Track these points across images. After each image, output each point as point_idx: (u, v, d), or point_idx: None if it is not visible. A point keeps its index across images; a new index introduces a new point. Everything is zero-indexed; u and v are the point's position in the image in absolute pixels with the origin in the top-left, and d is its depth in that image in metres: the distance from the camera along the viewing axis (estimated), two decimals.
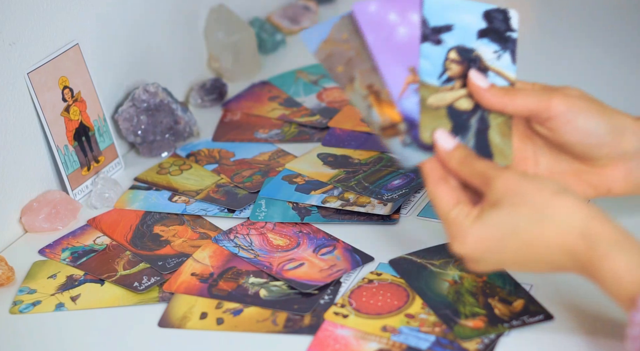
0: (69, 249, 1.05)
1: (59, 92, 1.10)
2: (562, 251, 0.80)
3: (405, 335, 0.87)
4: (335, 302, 0.92)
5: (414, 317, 0.89)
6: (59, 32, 1.10)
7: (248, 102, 1.29)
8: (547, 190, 0.81)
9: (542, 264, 0.81)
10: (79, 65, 1.12)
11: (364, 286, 0.94)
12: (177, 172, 1.16)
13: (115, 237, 1.06)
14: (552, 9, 1.46)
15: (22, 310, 0.97)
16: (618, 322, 0.85)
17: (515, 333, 0.86)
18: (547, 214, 0.80)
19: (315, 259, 0.98)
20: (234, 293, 0.95)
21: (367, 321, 0.89)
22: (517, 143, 0.91)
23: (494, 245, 0.81)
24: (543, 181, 0.82)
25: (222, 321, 0.92)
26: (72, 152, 1.11)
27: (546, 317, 0.87)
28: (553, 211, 0.80)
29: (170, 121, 1.19)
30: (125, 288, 0.98)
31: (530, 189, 0.81)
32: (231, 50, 1.33)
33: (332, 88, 1.29)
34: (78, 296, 0.98)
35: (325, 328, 0.89)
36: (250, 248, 1.01)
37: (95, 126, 1.15)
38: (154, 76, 1.24)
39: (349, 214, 1.04)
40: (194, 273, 0.98)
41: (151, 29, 1.25)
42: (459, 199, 0.84)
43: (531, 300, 0.89)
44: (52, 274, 1.01)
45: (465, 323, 0.87)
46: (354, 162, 1.13)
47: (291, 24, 1.45)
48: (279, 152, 1.17)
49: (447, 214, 0.83)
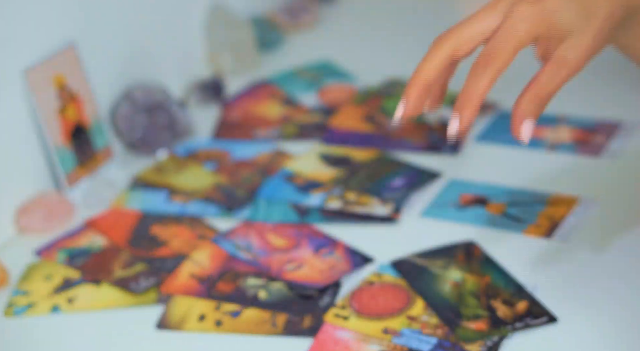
0: (65, 250, 1.04)
1: (55, 91, 1.10)
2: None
3: (407, 337, 0.86)
4: (335, 304, 0.91)
5: (416, 319, 0.88)
6: (55, 31, 1.10)
7: (247, 102, 1.29)
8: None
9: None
10: (75, 64, 1.12)
11: (365, 288, 0.93)
12: (175, 172, 1.15)
13: (112, 238, 1.05)
14: None
15: (17, 312, 0.96)
16: (623, 324, 0.85)
17: (518, 335, 0.86)
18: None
19: (315, 260, 0.98)
20: (232, 294, 0.95)
21: (368, 323, 0.89)
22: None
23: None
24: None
25: (220, 323, 0.92)
26: (69, 152, 1.11)
27: (550, 319, 0.86)
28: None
29: (169, 120, 1.19)
30: (123, 289, 0.97)
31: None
32: (230, 49, 1.34)
33: (332, 87, 1.29)
34: (74, 298, 0.97)
35: (325, 330, 0.89)
36: (250, 248, 1.00)
37: (91, 125, 1.14)
38: (152, 75, 1.24)
39: (349, 214, 1.04)
40: (193, 274, 0.98)
41: (149, 27, 1.25)
42: None
43: (534, 301, 0.88)
44: (47, 275, 1.01)
45: (467, 325, 0.86)
46: (354, 162, 1.12)
47: (291, 22, 1.46)
48: (278, 152, 1.17)
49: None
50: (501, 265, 0.93)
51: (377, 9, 1.49)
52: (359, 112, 1.22)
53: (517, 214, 0.99)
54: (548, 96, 0.80)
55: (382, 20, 1.46)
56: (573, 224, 0.97)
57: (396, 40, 1.40)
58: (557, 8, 0.79)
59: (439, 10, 1.46)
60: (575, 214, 0.98)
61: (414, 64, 1.37)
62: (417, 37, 1.39)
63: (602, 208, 0.99)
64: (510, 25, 0.79)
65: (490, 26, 0.80)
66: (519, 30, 0.79)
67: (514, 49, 0.79)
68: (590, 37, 0.79)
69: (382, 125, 1.18)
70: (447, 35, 0.81)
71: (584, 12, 0.80)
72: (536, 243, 0.95)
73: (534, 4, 0.79)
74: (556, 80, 0.80)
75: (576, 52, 0.79)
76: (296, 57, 1.38)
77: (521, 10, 0.79)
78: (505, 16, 0.80)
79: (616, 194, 1.00)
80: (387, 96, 1.24)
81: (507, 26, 0.79)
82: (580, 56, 0.79)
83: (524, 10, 0.79)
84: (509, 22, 0.79)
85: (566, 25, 0.79)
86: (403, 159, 1.12)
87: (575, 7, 0.80)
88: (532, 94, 0.79)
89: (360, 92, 1.26)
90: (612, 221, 0.97)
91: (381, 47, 1.39)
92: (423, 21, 1.44)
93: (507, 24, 0.79)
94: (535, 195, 1.01)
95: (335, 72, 1.33)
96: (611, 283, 0.90)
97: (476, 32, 0.80)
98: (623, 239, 0.94)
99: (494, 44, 0.79)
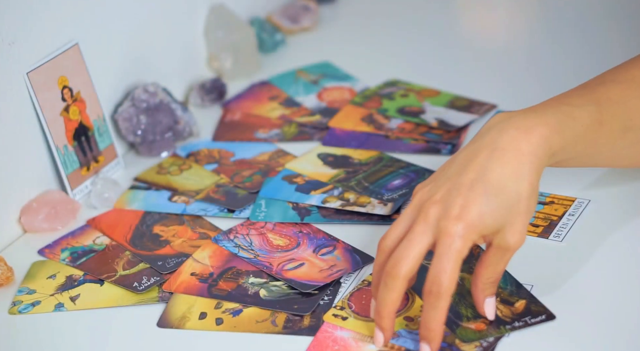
0: (68, 249, 1.05)
1: (58, 92, 1.10)
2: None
3: (404, 338, 0.87)
4: (334, 304, 0.92)
5: (413, 320, 0.89)
6: (58, 32, 1.10)
7: (248, 102, 1.28)
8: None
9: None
10: (78, 65, 1.12)
11: (364, 289, 0.93)
12: (176, 172, 1.15)
13: (115, 237, 1.06)
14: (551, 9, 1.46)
15: (22, 311, 0.97)
16: (620, 322, 0.85)
17: (516, 333, 0.86)
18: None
19: (315, 260, 0.98)
20: (233, 293, 0.95)
21: (366, 323, 0.89)
22: None
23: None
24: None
25: (221, 322, 0.92)
26: (72, 152, 1.11)
27: (548, 317, 0.87)
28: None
29: (170, 120, 1.19)
30: (125, 288, 0.98)
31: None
32: (231, 50, 1.33)
33: (332, 88, 1.29)
34: (77, 297, 0.98)
35: (324, 329, 0.89)
36: (250, 248, 1.01)
37: (94, 125, 1.14)
38: (154, 76, 1.24)
39: (349, 214, 1.04)
40: (194, 273, 0.98)
41: (151, 29, 1.24)
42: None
43: (533, 300, 0.89)
44: (51, 274, 1.01)
45: (467, 326, 0.87)
46: (354, 162, 1.12)
47: (291, 23, 1.45)
48: (278, 152, 1.17)
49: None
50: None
51: (376, 11, 1.49)
52: (359, 113, 1.22)
53: None
54: (498, 277, 0.86)
55: (382, 22, 1.45)
56: (569, 225, 0.97)
57: (396, 42, 1.40)
58: (482, 214, 0.83)
59: (438, 12, 1.46)
60: (572, 214, 0.99)
61: (413, 64, 1.38)
62: (416, 38, 1.40)
63: (597, 208, 0.99)
64: (447, 246, 0.82)
65: (428, 245, 0.84)
66: (454, 251, 0.82)
67: (457, 267, 0.82)
68: (522, 220, 0.83)
69: (382, 126, 1.19)
70: (397, 268, 0.83)
71: (507, 204, 0.83)
72: (533, 243, 0.96)
73: (459, 219, 0.82)
74: (502, 263, 0.85)
75: (514, 238, 0.83)
76: (296, 58, 1.38)
77: (449, 230, 0.82)
78: (437, 236, 0.83)
79: (612, 194, 1.01)
80: (386, 97, 1.24)
81: (444, 248, 0.82)
82: (518, 238, 0.84)
83: (451, 229, 0.82)
84: (443, 247, 0.82)
85: (496, 225, 0.83)
86: (402, 159, 1.12)
87: (498, 204, 0.83)
88: (484, 277, 0.85)
89: (360, 93, 1.26)
90: (608, 221, 0.97)
91: (381, 48, 1.38)
92: (422, 22, 1.43)
93: (443, 247, 0.82)
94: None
95: (335, 73, 1.32)
96: (608, 283, 0.90)
97: (418, 255, 0.83)
98: (618, 239, 0.95)
99: (438, 271, 0.82)
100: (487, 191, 0.83)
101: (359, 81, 1.29)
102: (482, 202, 0.82)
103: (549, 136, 0.85)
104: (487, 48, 1.38)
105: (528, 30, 1.43)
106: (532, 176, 0.84)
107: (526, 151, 0.84)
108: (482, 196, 0.82)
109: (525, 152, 0.84)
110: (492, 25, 1.47)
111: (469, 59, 1.34)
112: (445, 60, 1.34)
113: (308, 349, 0.87)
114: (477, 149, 0.85)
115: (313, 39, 1.43)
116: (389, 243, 0.85)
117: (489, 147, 0.85)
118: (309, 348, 0.88)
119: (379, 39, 1.41)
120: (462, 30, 1.45)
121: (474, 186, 0.83)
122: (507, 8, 1.49)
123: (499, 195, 0.83)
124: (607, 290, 0.90)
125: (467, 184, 0.83)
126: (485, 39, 1.43)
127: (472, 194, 0.83)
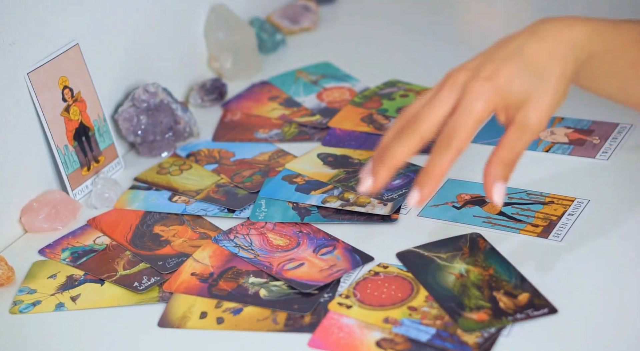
0: (69, 249, 1.05)
1: (58, 92, 1.10)
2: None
3: (407, 327, 0.88)
4: (339, 293, 0.92)
5: (417, 310, 0.89)
6: (58, 32, 1.10)
7: (248, 102, 1.29)
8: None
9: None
10: (79, 65, 1.12)
11: (370, 278, 0.94)
12: (177, 172, 1.16)
13: (115, 237, 1.06)
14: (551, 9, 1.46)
15: (22, 310, 0.97)
16: (619, 322, 0.86)
17: (519, 326, 0.86)
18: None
19: (315, 259, 0.98)
20: (233, 292, 0.95)
21: (370, 312, 0.90)
22: None
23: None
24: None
25: (222, 321, 0.92)
26: (72, 152, 1.12)
27: (550, 310, 0.87)
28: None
29: (170, 121, 1.19)
30: (125, 288, 0.98)
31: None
32: (231, 50, 1.33)
33: (332, 88, 1.29)
34: (78, 296, 0.98)
35: (330, 316, 0.90)
36: (250, 248, 1.01)
37: (95, 126, 1.15)
38: (154, 76, 1.24)
39: (349, 214, 1.04)
40: (194, 272, 0.99)
41: (151, 29, 1.25)
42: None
43: (536, 293, 0.89)
44: (52, 274, 1.01)
45: (469, 316, 0.87)
46: (354, 162, 1.13)
47: (291, 24, 1.45)
48: (279, 152, 1.17)
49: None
50: (505, 257, 0.94)
51: (377, 11, 1.49)
52: (359, 114, 1.22)
53: (514, 214, 1.00)
54: (515, 159, 0.83)
55: (382, 22, 1.45)
56: (569, 224, 0.98)
57: (396, 42, 1.40)
58: (511, 79, 0.81)
59: (438, 12, 1.46)
60: (571, 214, 0.99)
61: (413, 65, 1.38)
62: (416, 38, 1.40)
63: (597, 208, 1.00)
64: (467, 104, 0.81)
65: (451, 107, 0.82)
66: (475, 109, 0.81)
67: (473, 127, 0.81)
68: (548, 99, 0.82)
69: (382, 126, 1.19)
70: (416, 123, 0.82)
71: (537, 77, 0.82)
72: (533, 243, 0.96)
73: (488, 79, 0.82)
74: (521, 143, 0.83)
75: (537, 115, 0.82)
76: (296, 58, 1.38)
77: (476, 89, 0.81)
78: (461, 94, 0.82)
79: (611, 194, 1.01)
80: (386, 97, 1.24)
81: (464, 106, 0.81)
82: (541, 118, 0.82)
83: (478, 88, 0.81)
84: (465, 102, 0.81)
85: (522, 94, 0.82)
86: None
87: (528, 74, 0.82)
88: (499, 158, 0.83)
89: (359, 93, 1.27)
90: (607, 221, 0.97)
91: (381, 48, 1.38)
92: (422, 23, 1.43)
93: (464, 104, 0.81)
94: (532, 195, 1.02)
95: (335, 73, 1.33)
96: (607, 283, 0.91)
97: (439, 117, 0.82)
98: (618, 239, 0.95)
99: (454, 125, 0.81)
100: (521, 62, 0.82)
101: (359, 81, 1.30)
102: (514, 68, 0.82)
103: (591, 35, 0.84)
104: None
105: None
106: (567, 61, 0.83)
107: (567, 37, 0.84)
108: (515, 64, 0.82)
109: (565, 38, 0.84)
110: (492, 25, 1.47)
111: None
112: (445, 60, 1.33)
113: (313, 336, 0.88)
114: (517, 33, 0.85)
115: (313, 39, 1.44)
116: (411, 110, 0.84)
117: (529, 30, 0.85)
118: (314, 335, 0.88)
119: (379, 39, 1.41)
120: (462, 30, 1.45)
121: (508, 57, 0.83)
122: (507, 8, 1.49)
123: (531, 67, 0.82)
124: (606, 290, 0.90)
125: (502, 56, 0.83)
126: (485, 39, 1.43)
127: (505, 63, 0.82)
